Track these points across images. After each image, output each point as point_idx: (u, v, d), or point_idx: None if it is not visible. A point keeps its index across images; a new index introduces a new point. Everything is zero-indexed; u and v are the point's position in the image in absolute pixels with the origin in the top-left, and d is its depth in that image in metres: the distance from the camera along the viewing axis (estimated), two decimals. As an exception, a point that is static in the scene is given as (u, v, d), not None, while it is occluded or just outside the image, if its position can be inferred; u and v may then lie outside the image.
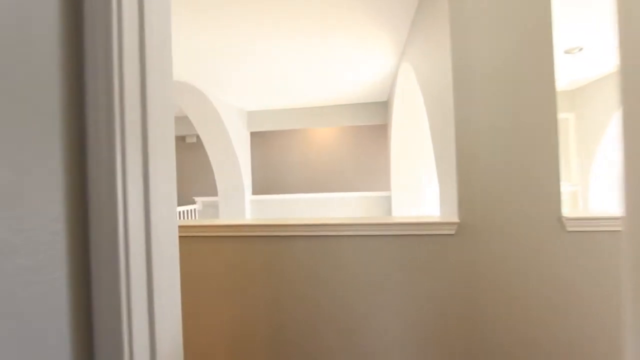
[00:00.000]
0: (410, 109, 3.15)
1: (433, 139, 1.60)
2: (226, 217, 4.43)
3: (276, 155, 5.63)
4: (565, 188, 3.04)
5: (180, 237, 0.51)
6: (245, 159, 4.56)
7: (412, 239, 1.19)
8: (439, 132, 1.48)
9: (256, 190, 5.57)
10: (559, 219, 1.11)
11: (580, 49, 2.71)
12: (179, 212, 4.20)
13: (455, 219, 1.17)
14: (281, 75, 3.23)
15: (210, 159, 4.26)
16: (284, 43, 2.45)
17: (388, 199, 4.29)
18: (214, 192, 5.69)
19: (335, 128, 5.40)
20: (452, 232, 1.16)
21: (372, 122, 4.47)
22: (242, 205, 4.42)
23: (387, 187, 4.62)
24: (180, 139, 5.91)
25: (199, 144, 5.75)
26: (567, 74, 3.36)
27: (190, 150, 5.87)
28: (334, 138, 5.41)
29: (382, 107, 4.42)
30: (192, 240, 1.36)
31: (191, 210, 4.52)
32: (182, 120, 4.98)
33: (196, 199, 4.65)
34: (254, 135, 5.54)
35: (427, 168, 3.54)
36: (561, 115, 3.86)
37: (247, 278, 1.31)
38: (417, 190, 3.79)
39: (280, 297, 1.28)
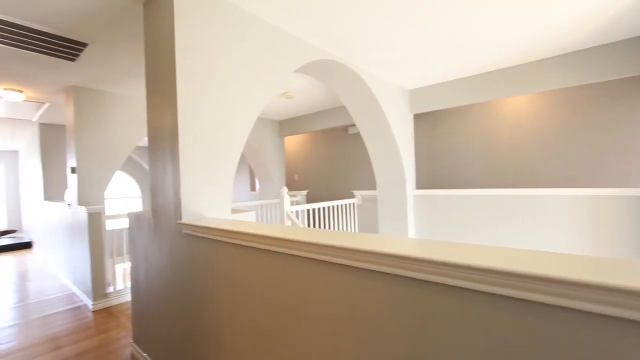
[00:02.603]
0: None
1: None
2: (386, 214, 3.89)
3: (446, 140, 4.59)
4: None
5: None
6: (407, 147, 3.85)
7: None
8: None
9: (421, 184, 4.75)
10: None
11: None
12: (337, 206, 4.01)
13: None
14: (455, 31, 2.32)
15: (368, 148, 3.81)
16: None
17: (649, 203, 2.54)
18: (375, 185, 5.29)
19: (536, 95, 3.81)
20: None
21: (615, 75, 2.75)
22: (403, 201, 3.75)
23: (643, 182, 2.79)
24: (342, 130, 5.83)
25: (361, 135, 5.47)
26: None
27: (352, 142, 5.69)
28: (533, 110, 3.84)
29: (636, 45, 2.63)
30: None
31: (349, 205, 4.25)
32: (343, 109, 4.78)
33: (355, 192, 4.35)
34: (418, 118, 4.71)
35: None
36: None
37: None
38: None
39: None
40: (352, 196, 5.54)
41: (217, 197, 1.71)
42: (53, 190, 5.17)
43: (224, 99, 1.77)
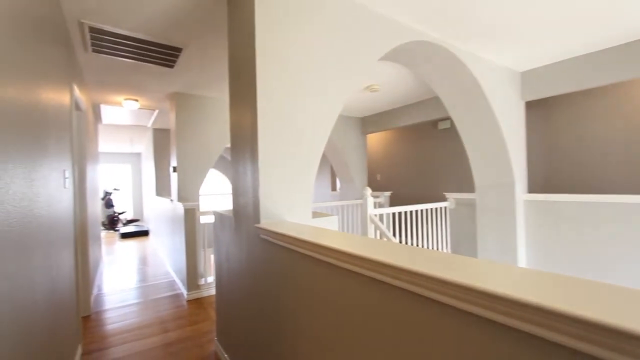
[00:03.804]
0: None
1: None
2: (486, 222, 3.29)
3: (572, 131, 3.68)
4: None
5: None
6: (517, 141, 3.18)
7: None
8: None
9: (534, 187, 3.92)
10: None
11: None
12: (426, 210, 3.56)
13: None
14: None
15: (465, 144, 3.27)
16: None
17: None
18: (470, 187, 4.61)
19: None
20: None
21: None
22: (511, 207, 3.10)
23: None
24: (431, 125, 5.26)
25: (454, 130, 4.85)
26: None
27: (442, 138, 5.09)
28: None
29: None
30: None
31: (440, 209, 3.74)
32: (432, 102, 4.27)
33: (448, 195, 3.81)
34: (531, 106, 3.90)
35: None
36: None
37: None
38: None
39: None
40: (443, 199, 4.95)
41: (298, 199, 1.55)
42: (162, 187, 5.93)
43: (303, 94, 1.61)
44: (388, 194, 4.97)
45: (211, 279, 3.36)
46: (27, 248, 1.09)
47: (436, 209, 3.82)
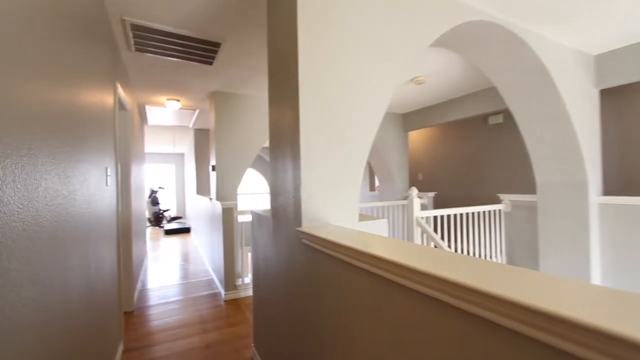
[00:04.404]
0: None
1: None
2: (551, 229, 2.88)
3: (658, 125, 3.14)
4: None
5: None
6: (590, 136, 2.75)
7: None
8: None
9: (610, 189, 3.41)
10: None
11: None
12: (477, 213, 3.23)
13: None
14: None
15: (526, 139, 2.90)
16: None
17: None
18: (528, 188, 4.14)
19: None
20: None
21: None
22: (582, 212, 2.69)
23: None
24: (479, 121, 4.84)
25: (507, 125, 4.41)
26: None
27: (493, 134, 4.65)
28: None
29: None
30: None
31: (494, 212, 3.38)
32: (482, 95, 3.90)
33: (502, 196, 3.44)
34: (606, 94, 3.39)
35: None
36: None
37: None
38: None
39: None
40: (492, 200, 4.51)
41: (343, 200, 1.39)
42: (202, 186, 6.07)
43: (349, 85, 1.43)
44: (432, 194, 4.64)
45: (248, 279, 3.31)
46: (61, 248, 1.03)
47: (489, 212, 3.46)
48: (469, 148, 5.03)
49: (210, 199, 3.86)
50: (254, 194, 9.56)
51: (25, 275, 0.78)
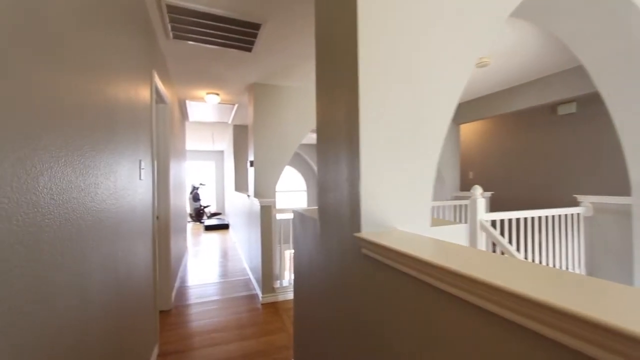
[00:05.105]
0: None
1: None
2: (654, 238, 2.34)
3: None
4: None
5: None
6: None
7: None
8: None
9: None
10: None
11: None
12: (550, 217, 2.75)
13: None
14: None
15: (618, 130, 2.38)
16: None
17: None
18: (614, 188, 3.51)
19: None
20: None
21: None
22: (700, 218, 2.13)
23: None
24: (546, 111, 4.23)
25: (581, 115, 3.80)
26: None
27: (563, 126, 4.04)
28: None
29: None
30: None
31: (571, 216, 2.87)
32: (552, 80, 3.36)
33: (580, 198, 2.91)
34: None
35: None
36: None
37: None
38: None
39: None
40: (564, 203, 3.91)
41: (412, 200, 1.09)
42: (241, 183, 6.03)
43: (417, 66, 1.13)
44: (489, 194, 4.14)
45: (286, 282, 3.12)
46: (81, 247, 0.87)
47: (565, 216, 2.94)
48: (531, 142, 4.43)
49: (248, 195, 3.73)
50: (290, 191, 9.47)
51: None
